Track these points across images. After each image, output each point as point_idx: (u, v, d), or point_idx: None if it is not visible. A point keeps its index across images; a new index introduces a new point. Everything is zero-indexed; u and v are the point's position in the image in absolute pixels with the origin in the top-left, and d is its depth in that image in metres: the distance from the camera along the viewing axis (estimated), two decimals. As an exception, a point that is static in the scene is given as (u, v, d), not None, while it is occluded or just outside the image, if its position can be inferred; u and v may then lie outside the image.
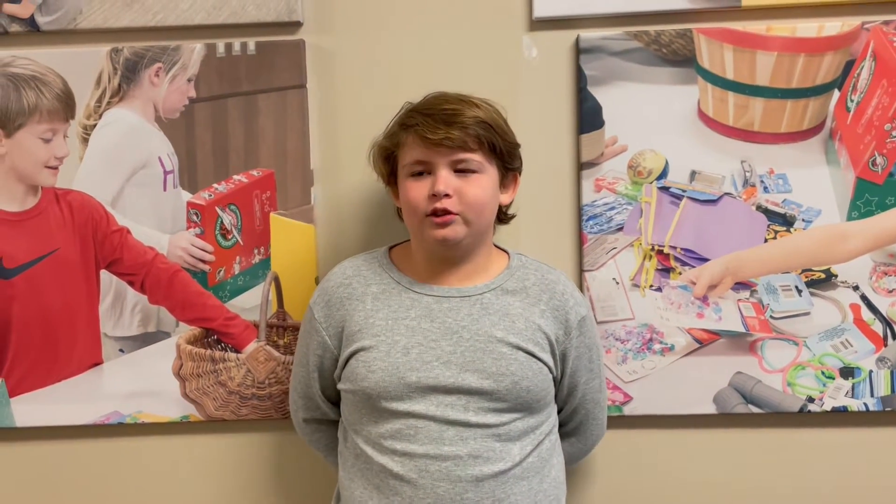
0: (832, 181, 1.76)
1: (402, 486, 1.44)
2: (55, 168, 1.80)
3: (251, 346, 1.82)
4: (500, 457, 1.46)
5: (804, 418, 1.80)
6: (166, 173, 1.81)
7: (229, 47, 1.78)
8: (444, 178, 1.46)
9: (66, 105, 1.79)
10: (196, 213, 1.81)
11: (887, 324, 1.77)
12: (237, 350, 1.82)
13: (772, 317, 1.78)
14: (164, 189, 1.81)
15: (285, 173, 1.80)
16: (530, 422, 1.50)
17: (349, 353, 1.51)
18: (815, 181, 1.76)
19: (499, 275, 1.55)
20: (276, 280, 1.82)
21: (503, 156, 1.52)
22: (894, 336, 1.77)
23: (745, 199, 1.78)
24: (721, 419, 1.81)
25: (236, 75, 1.79)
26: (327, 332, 1.55)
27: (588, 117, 1.77)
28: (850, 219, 1.76)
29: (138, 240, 1.81)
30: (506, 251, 1.61)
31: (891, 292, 1.77)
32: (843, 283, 1.77)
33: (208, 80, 1.79)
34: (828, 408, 1.78)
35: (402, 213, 1.58)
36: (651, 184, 1.78)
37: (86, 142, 1.80)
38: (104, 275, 1.82)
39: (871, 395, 1.78)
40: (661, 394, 1.79)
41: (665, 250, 1.78)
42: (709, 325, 1.79)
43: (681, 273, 1.78)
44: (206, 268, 1.82)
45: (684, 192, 1.78)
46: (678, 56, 1.76)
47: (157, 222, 1.81)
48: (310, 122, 1.79)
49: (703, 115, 1.77)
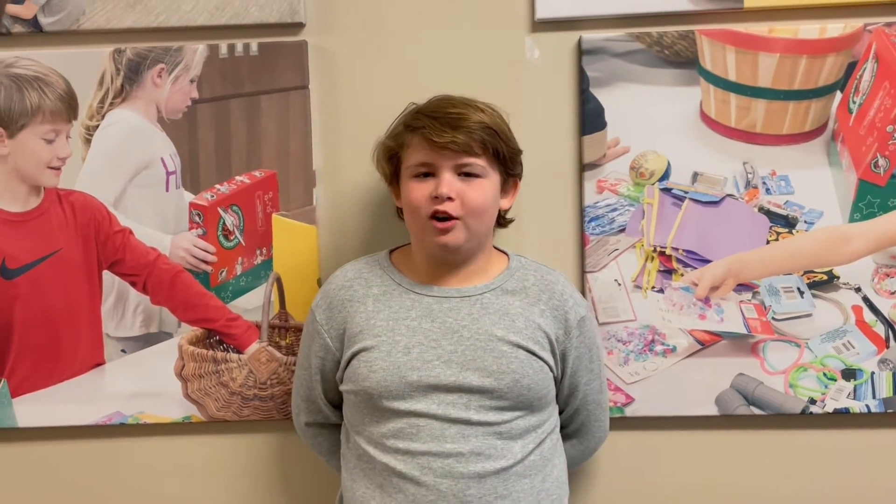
0: (834, 183, 1.76)
1: (405, 484, 1.45)
2: (58, 169, 1.80)
3: (253, 347, 1.82)
4: (501, 454, 1.46)
5: (806, 420, 1.80)
6: (169, 174, 1.81)
7: (232, 48, 1.78)
8: (447, 180, 1.47)
9: (68, 106, 1.79)
10: (198, 214, 1.82)
11: (889, 325, 1.77)
12: (239, 351, 1.82)
13: (774, 318, 1.78)
14: (167, 190, 1.81)
15: (287, 174, 1.81)
16: (532, 420, 1.50)
17: (351, 354, 1.52)
18: (818, 183, 1.76)
19: (498, 275, 1.56)
20: (278, 281, 1.82)
21: (506, 161, 1.52)
22: (896, 338, 1.78)
23: (747, 201, 1.78)
24: (723, 421, 1.81)
25: (239, 76, 1.79)
26: (329, 334, 1.56)
27: (590, 119, 1.77)
28: (852, 220, 1.76)
29: (140, 240, 1.81)
30: (505, 253, 1.61)
31: (893, 294, 1.77)
32: (845, 284, 1.77)
33: (211, 81, 1.79)
34: (830, 409, 1.78)
35: (402, 213, 1.59)
36: (653, 185, 1.78)
37: (88, 142, 1.80)
38: (106, 275, 1.82)
39: (873, 396, 1.78)
40: (662, 395, 1.79)
41: (667, 252, 1.78)
42: (711, 327, 1.78)
43: (683, 274, 1.78)
44: (209, 268, 1.82)
45: (686, 193, 1.78)
46: (680, 57, 1.76)
47: (160, 223, 1.82)
48: (312, 123, 1.79)
49: (705, 117, 1.77)
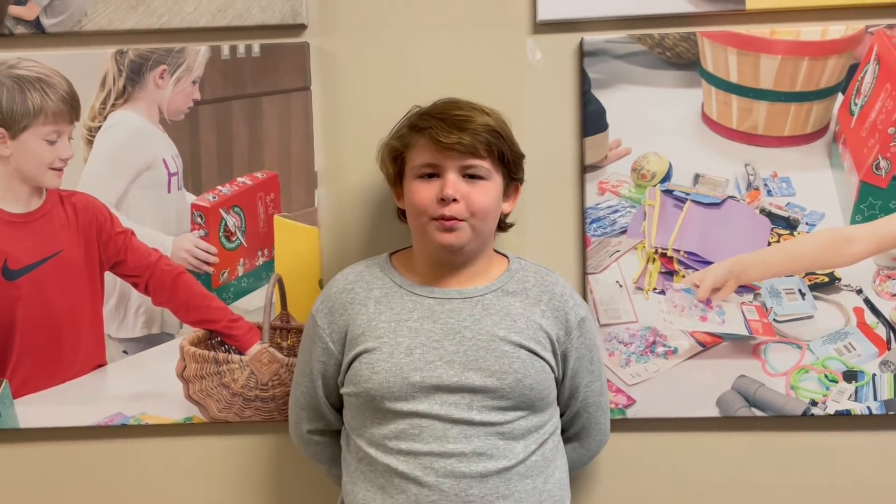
0: (836, 185, 1.76)
1: (407, 485, 1.45)
2: (60, 170, 1.80)
3: (255, 348, 1.82)
4: (503, 454, 1.46)
5: (807, 422, 1.80)
6: (170, 175, 1.81)
7: (234, 50, 1.78)
8: (452, 182, 1.47)
9: (70, 107, 1.79)
10: (200, 215, 1.82)
11: (891, 327, 1.77)
12: (241, 352, 1.83)
13: (775, 320, 1.78)
14: (169, 191, 1.81)
15: (289, 175, 1.81)
16: (534, 421, 1.51)
17: (353, 356, 1.52)
18: (819, 184, 1.76)
19: (499, 277, 1.56)
20: (280, 282, 1.82)
21: (509, 165, 1.53)
22: (898, 340, 1.78)
23: (748, 203, 1.78)
24: (724, 422, 1.81)
25: (241, 78, 1.79)
26: (331, 337, 1.55)
27: (592, 120, 1.77)
28: (853, 222, 1.76)
29: (142, 241, 1.81)
30: (505, 255, 1.62)
31: (894, 296, 1.77)
32: (846, 286, 1.77)
33: (213, 83, 1.79)
34: (831, 411, 1.78)
35: (402, 215, 1.59)
36: (655, 187, 1.78)
37: (90, 143, 1.80)
38: (108, 276, 1.82)
39: (875, 398, 1.78)
40: (664, 397, 1.79)
41: (668, 253, 1.78)
42: (712, 329, 1.78)
43: (684, 276, 1.78)
44: (210, 270, 1.82)
45: (688, 195, 1.78)
46: (682, 59, 1.76)
47: (162, 224, 1.82)
48: (314, 125, 1.79)
49: (706, 119, 1.77)
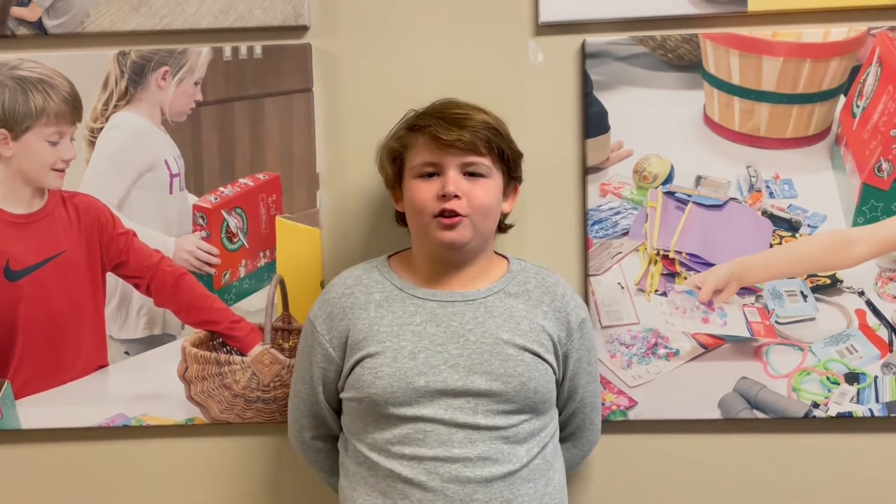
0: (838, 187, 1.76)
1: (411, 490, 1.44)
2: (62, 171, 1.80)
3: (256, 349, 1.82)
4: (508, 458, 1.46)
5: (809, 424, 1.80)
6: (172, 176, 1.81)
7: (236, 51, 1.78)
8: (453, 179, 1.47)
9: (73, 108, 1.79)
10: (202, 217, 1.82)
11: (892, 329, 1.77)
12: (242, 353, 1.83)
13: (777, 322, 1.78)
14: (171, 192, 1.81)
15: (291, 177, 1.81)
16: (536, 424, 1.51)
17: (354, 361, 1.50)
18: (821, 186, 1.76)
19: (500, 279, 1.56)
20: (282, 283, 1.82)
21: (509, 163, 1.53)
22: (900, 342, 1.78)
23: (750, 205, 1.78)
24: (726, 424, 1.81)
25: (243, 79, 1.79)
26: (331, 343, 1.54)
27: (594, 122, 1.77)
28: (855, 224, 1.76)
29: (144, 243, 1.81)
30: (505, 257, 1.61)
31: (896, 298, 1.77)
32: (848, 288, 1.77)
33: (215, 84, 1.79)
34: (833, 413, 1.78)
35: (401, 218, 1.59)
36: (656, 188, 1.78)
37: (92, 145, 1.80)
38: (110, 277, 1.82)
39: (877, 400, 1.78)
40: (665, 399, 1.79)
41: (670, 255, 1.78)
42: (714, 330, 1.78)
43: (686, 278, 1.78)
44: (212, 271, 1.82)
45: (690, 196, 1.78)
46: (684, 61, 1.76)
47: (163, 225, 1.82)
48: (316, 126, 1.80)
49: (708, 120, 1.77)
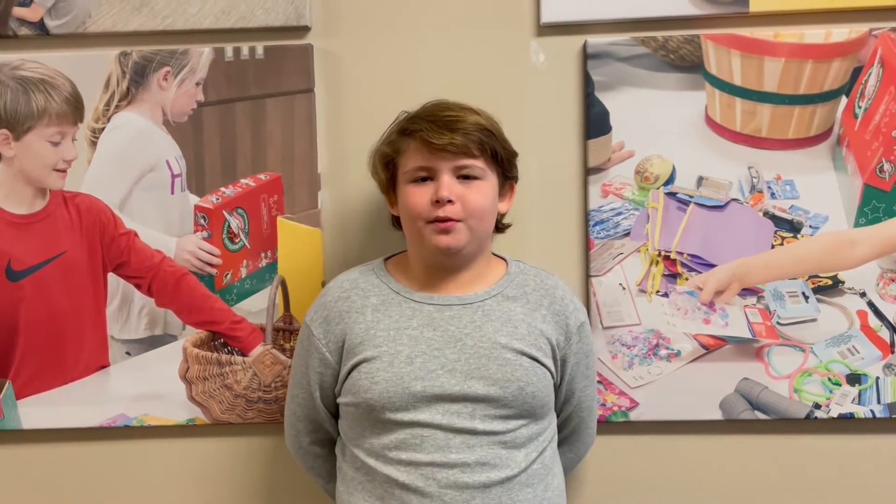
0: (839, 187, 1.76)
1: (409, 496, 1.43)
2: (63, 171, 1.80)
3: (257, 350, 1.82)
4: (506, 463, 1.45)
5: (810, 425, 1.80)
6: (174, 177, 1.81)
7: (237, 51, 1.79)
8: (447, 183, 1.45)
9: (74, 108, 1.79)
10: (203, 217, 1.82)
11: (894, 330, 1.77)
12: (243, 353, 1.83)
13: (778, 323, 1.78)
14: (172, 192, 1.81)
15: (292, 177, 1.81)
16: (534, 428, 1.50)
17: (351, 366, 1.49)
18: (823, 187, 1.76)
19: (498, 281, 1.54)
20: (283, 284, 1.82)
21: (503, 163, 1.51)
22: (901, 343, 1.77)
23: (752, 205, 1.77)
24: (727, 425, 1.81)
25: (244, 79, 1.79)
26: (327, 347, 1.53)
27: (595, 122, 1.77)
28: (857, 225, 1.76)
29: (146, 243, 1.81)
30: (503, 258, 1.60)
31: (898, 299, 1.77)
32: (850, 289, 1.77)
33: (216, 84, 1.79)
34: (834, 414, 1.78)
35: (397, 222, 1.57)
36: (658, 189, 1.78)
37: (94, 145, 1.80)
38: (111, 277, 1.83)
39: (878, 401, 1.78)
40: (667, 399, 1.79)
41: (672, 256, 1.78)
42: (715, 331, 1.78)
43: (687, 279, 1.78)
44: (213, 271, 1.82)
45: (691, 197, 1.78)
46: (686, 62, 1.76)
47: (165, 225, 1.82)
48: (317, 127, 1.80)
49: (710, 121, 1.77)
